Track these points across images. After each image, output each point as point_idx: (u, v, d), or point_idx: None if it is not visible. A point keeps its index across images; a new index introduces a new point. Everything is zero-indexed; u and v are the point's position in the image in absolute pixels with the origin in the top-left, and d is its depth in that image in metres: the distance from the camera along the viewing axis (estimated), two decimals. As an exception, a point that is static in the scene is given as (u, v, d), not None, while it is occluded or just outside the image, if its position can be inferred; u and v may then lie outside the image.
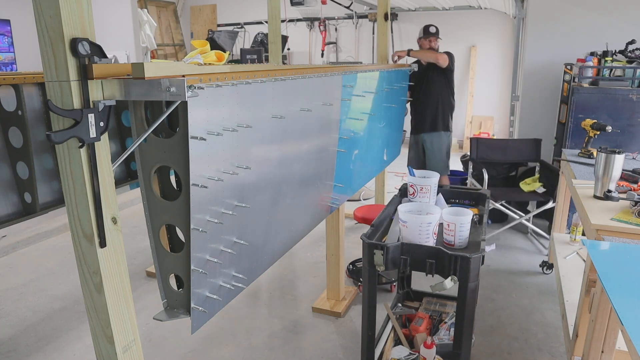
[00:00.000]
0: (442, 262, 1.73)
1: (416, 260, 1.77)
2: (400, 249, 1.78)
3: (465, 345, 1.77)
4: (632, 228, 1.85)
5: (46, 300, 3.01)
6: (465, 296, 1.71)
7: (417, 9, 7.75)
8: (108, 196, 1.10)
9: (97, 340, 1.18)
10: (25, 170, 2.01)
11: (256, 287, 3.14)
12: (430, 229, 1.82)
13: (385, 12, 3.66)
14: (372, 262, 1.80)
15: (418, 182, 2.24)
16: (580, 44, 4.23)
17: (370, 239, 1.86)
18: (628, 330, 1.16)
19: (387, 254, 1.77)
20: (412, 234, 1.82)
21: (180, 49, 8.88)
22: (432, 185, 2.24)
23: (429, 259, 1.74)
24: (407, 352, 2.15)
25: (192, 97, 1.06)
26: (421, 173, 2.36)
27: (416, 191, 2.24)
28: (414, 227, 1.81)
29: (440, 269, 1.75)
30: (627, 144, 3.59)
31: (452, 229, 1.85)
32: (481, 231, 2.01)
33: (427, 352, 2.02)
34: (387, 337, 2.30)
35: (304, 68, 1.76)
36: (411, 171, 2.33)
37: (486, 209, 2.23)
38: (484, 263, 1.66)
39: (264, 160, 1.57)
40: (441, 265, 1.74)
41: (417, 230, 1.81)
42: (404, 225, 1.84)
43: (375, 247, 1.78)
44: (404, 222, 1.83)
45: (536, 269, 3.36)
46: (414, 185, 2.25)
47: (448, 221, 1.85)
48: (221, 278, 1.42)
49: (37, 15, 0.98)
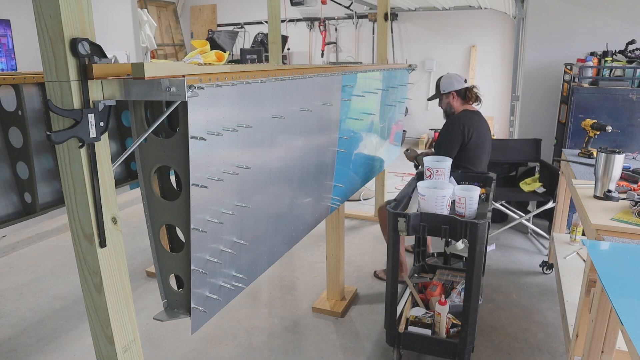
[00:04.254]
0: (455, 228, 2.04)
1: (433, 227, 2.08)
2: (420, 217, 2.10)
3: (473, 299, 2.08)
4: (632, 228, 1.85)
5: (46, 300, 3.01)
6: (474, 256, 2.02)
7: (417, 9, 7.75)
8: (108, 196, 1.10)
9: (97, 340, 1.18)
10: (25, 170, 2.01)
11: (256, 287, 3.14)
12: (445, 201, 2.11)
13: (385, 12, 3.66)
14: (396, 228, 2.11)
15: (434, 165, 2.54)
16: (580, 44, 4.23)
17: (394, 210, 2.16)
18: (628, 330, 1.16)
19: (409, 222, 2.08)
20: (429, 205, 2.12)
21: (180, 49, 8.88)
22: (446, 168, 2.53)
23: (443, 225, 2.06)
24: (423, 312, 2.40)
25: (192, 97, 1.06)
26: (435, 158, 2.63)
27: (432, 173, 2.52)
28: (431, 199, 2.11)
29: (453, 234, 2.06)
30: (627, 144, 3.59)
31: (463, 202, 2.15)
32: (487, 206, 2.34)
33: (441, 309, 2.24)
34: (406, 300, 2.57)
35: (304, 68, 1.76)
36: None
37: (492, 190, 2.59)
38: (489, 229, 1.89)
39: (264, 161, 1.57)
40: (454, 231, 2.05)
41: (434, 202, 2.10)
42: (423, 198, 2.13)
43: (399, 216, 2.09)
44: (423, 195, 2.12)
45: (536, 269, 3.36)
46: (430, 169, 2.53)
47: (460, 195, 2.16)
48: (221, 278, 1.42)
49: (37, 15, 0.98)
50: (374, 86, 2.61)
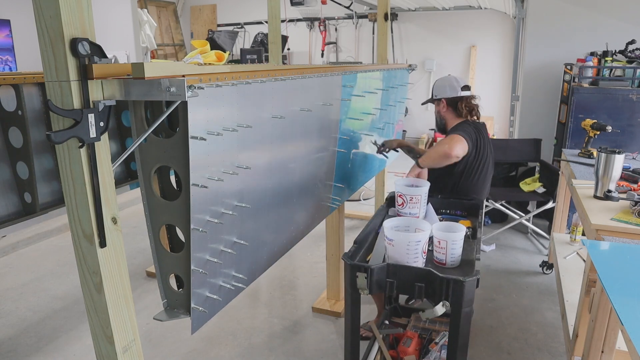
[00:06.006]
0: (433, 285, 1.55)
1: (404, 283, 1.60)
2: (385, 270, 1.61)
3: None
4: (632, 228, 1.85)
5: (46, 300, 3.01)
6: (459, 324, 1.55)
7: (417, 9, 7.75)
8: (108, 196, 1.10)
9: (97, 340, 1.18)
10: (25, 170, 2.01)
11: (256, 287, 3.14)
12: (420, 248, 1.65)
13: (385, 12, 3.66)
14: (354, 285, 1.63)
15: (407, 191, 2.07)
16: (580, 44, 4.22)
17: (353, 258, 1.70)
18: (628, 330, 1.16)
19: (371, 277, 1.60)
20: (399, 253, 1.65)
21: (180, 49, 8.88)
22: (423, 195, 2.07)
23: (417, 283, 1.57)
24: None
25: (192, 97, 1.06)
26: (408, 181, 2.21)
27: (405, 201, 2.07)
28: (401, 245, 1.64)
29: (430, 293, 1.57)
30: (627, 144, 3.59)
31: (444, 246, 1.69)
32: (475, 247, 1.83)
33: None
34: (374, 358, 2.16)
35: (304, 68, 1.76)
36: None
37: (479, 221, 2.08)
38: (478, 286, 1.52)
39: (264, 160, 1.57)
40: (432, 289, 1.56)
41: (405, 249, 1.64)
42: (390, 244, 1.67)
43: (358, 270, 1.60)
44: (390, 240, 1.66)
45: (536, 269, 3.36)
46: (403, 196, 2.07)
47: (439, 238, 1.70)
48: (221, 278, 1.42)
49: (37, 15, 0.98)
50: (374, 86, 2.61)
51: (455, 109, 2.51)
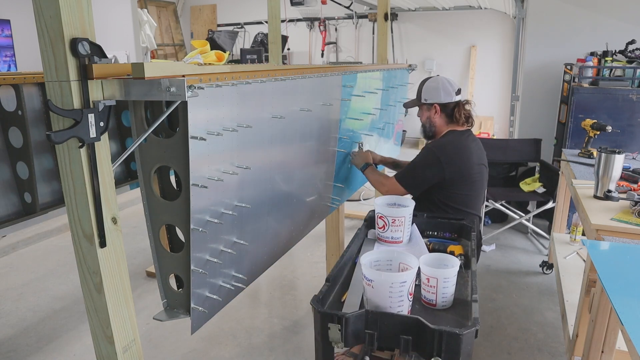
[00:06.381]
0: (423, 337, 1.25)
1: (386, 335, 1.28)
2: (364, 319, 1.28)
3: None
4: (632, 228, 1.85)
5: (46, 300, 3.01)
6: None
7: (417, 9, 7.75)
8: (108, 196, 1.10)
9: (97, 340, 1.18)
10: (25, 170, 2.01)
11: (256, 287, 3.14)
12: (405, 290, 1.34)
13: (385, 12, 3.66)
14: (326, 337, 1.29)
15: (389, 212, 1.78)
16: (580, 44, 4.23)
17: (324, 300, 1.37)
18: (628, 330, 1.16)
19: (347, 327, 1.27)
20: (379, 297, 1.33)
21: (180, 49, 8.88)
22: (407, 217, 1.80)
23: (403, 335, 1.26)
24: None
25: (192, 97, 1.06)
26: (390, 199, 1.92)
27: (387, 224, 1.79)
28: (383, 287, 1.32)
29: (419, 346, 1.27)
30: (627, 144, 3.59)
31: (434, 284, 1.41)
32: (470, 283, 1.52)
33: None
34: None
35: (304, 68, 1.76)
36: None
37: (471, 245, 1.76)
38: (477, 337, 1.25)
39: (264, 160, 1.57)
40: (421, 342, 1.26)
41: (387, 292, 1.32)
42: (369, 285, 1.34)
43: (329, 320, 1.27)
44: (369, 280, 1.34)
45: (536, 269, 3.36)
46: (384, 217, 1.79)
47: (428, 275, 1.41)
48: (221, 278, 1.42)
49: (37, 15, 0.98)
50: (374, 86, 2.61)
51: (449, 115, 2.31)
